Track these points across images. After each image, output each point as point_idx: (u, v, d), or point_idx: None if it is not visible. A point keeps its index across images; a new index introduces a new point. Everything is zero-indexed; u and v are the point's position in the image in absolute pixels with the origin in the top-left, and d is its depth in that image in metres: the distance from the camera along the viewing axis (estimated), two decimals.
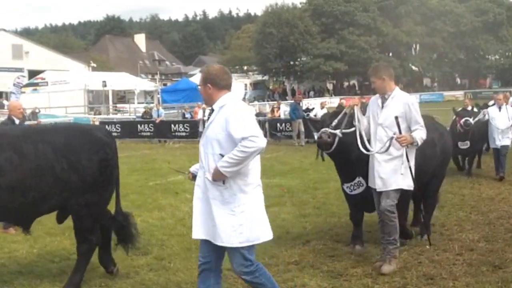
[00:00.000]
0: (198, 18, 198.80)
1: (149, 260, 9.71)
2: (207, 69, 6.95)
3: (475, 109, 21.50)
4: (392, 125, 8.70)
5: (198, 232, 6.75)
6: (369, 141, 8.95)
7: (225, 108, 6.56)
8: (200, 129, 35.68)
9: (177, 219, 12.74)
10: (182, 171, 8.76)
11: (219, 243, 6.59)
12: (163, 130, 37.00)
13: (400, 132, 8.61)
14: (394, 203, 8.79)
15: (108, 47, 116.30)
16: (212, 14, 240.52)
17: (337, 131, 9.13)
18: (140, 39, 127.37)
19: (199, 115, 37.71)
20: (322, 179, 18.04)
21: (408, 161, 8.72)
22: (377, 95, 9.19)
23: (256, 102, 62.37)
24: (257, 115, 36.17)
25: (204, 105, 40.06)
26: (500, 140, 17.74)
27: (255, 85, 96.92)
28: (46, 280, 8.75)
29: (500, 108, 17.87)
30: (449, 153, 11.39)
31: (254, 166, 6.67)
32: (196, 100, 55.16)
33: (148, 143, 36.41)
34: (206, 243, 6.74)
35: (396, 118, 8.61)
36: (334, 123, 9.24)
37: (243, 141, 6.26)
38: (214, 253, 6.76)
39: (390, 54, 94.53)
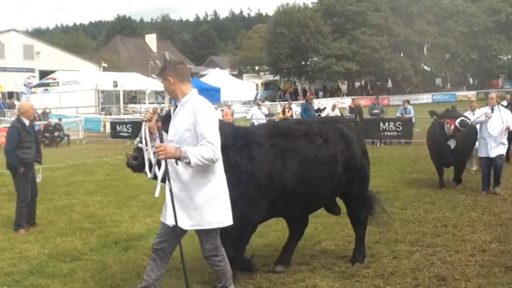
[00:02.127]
0: (209, 18, 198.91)
1: None
2: None
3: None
4: (182, 141, 6.78)
5: None
6: None
7: None
8: None
9: None
10: None
11: None
12: None
13: (161, 141, 6.72)
14: (216, 244, 7.09)
15: (119, 47, 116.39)
16: (223, 14, 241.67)
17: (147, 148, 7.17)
18: (151, 39, 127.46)
19: None
20: None
21: (169, 181, 6.78)
22: None
23: (267, 102, 62.33)
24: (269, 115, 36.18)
25: (215, 105, 40.22)
26: (492, 149, 15.19)
27: (267, 85, 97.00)
28: (57, 280, 8.75)
29: (492, 109, 15.26)
30: (359, 164, 9.18)
31: None
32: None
33: None
34: None
35: (157, 121, 6.86)
36: (137, 139, 7.37)
37: None
38: None
39: (402, 54, 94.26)
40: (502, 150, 15.43)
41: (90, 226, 12.49)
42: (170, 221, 6.92)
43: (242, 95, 66.52)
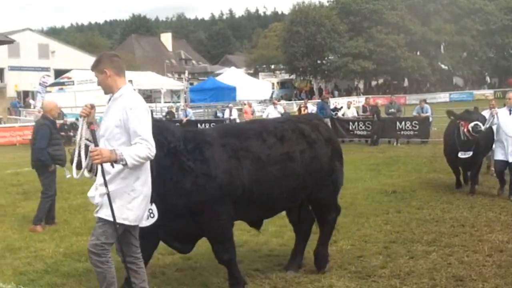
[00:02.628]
0: (224, 17, 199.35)
1: (175, 260, 9.67)
2: None
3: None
4: (111, 138, 6.60)
5: None
6: None
7: None
8: None
9: None
10: None
11: None
12: None
13: (96, 145, 6.50)
14: (103, 242, 6.60)
15: (134, 46, 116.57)
16: (239, 13, 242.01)
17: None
18: (166, 38, 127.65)
19: (226, 115, 37.73)
20: (350, 179, 17.88)
21: (106, 186, 6.45)
22: None
23: (283, 101, 62.23)
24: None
25: (231, 104, 40.27)
26: (510, 153, 14.34)
27: (282, 84, 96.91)
28: (72, 280, 8.76)
29: (510, 110, 14.57)
30: (326, 166, 8.65)
31: None
32: (223, 100, 55.28)
33: None
34: None
35: (91, 124, 6.59)
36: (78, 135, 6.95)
37: None
38: None
39: (419, 53, 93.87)
40: None
41: None
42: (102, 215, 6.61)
43: (258, 94, 66.52)
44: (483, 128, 14.53)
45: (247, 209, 8.05)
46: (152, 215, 6.99)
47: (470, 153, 14.76)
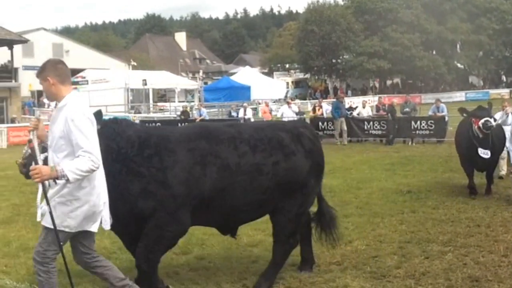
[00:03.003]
0: (239, 16, 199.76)
1: (189, 260, 9.66)
2: None
3: None
4: (57, 149, 6.46)
5: None
6: None
7: None
8: None
9: None
10: None
11: None
12: None
13: (36, 162, 6.36)
14: (43, 248, 6.70)
15: (148, 46, 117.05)
16: (253, 12, 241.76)
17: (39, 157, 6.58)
18: (180, 38, 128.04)
19: (240, 114, 37.69)
20: (365, 179, 17.89)
21: (47, 199, 6.40)
22: None
23: (297, 101, 62.12)
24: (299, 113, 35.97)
25: (245, 104, 40.21)
26: None
27: (297, 83, 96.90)
28: (86, 279, 8.73)
29: None
30: (301, 179, 8.06)
31: None
32: (237, 99, 55.23)
33: None
34: None
35: (30, 141, 6.53)
36: (25, 147, 6.98)
37: None
38: None
39: (434, 52, 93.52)
40: None
41: None
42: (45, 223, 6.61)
43: (272, 93, 66.50)
44: (494, 124, 14.28)
45: (202, 216, 7.74)
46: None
47: (489, 152, 14.35)
